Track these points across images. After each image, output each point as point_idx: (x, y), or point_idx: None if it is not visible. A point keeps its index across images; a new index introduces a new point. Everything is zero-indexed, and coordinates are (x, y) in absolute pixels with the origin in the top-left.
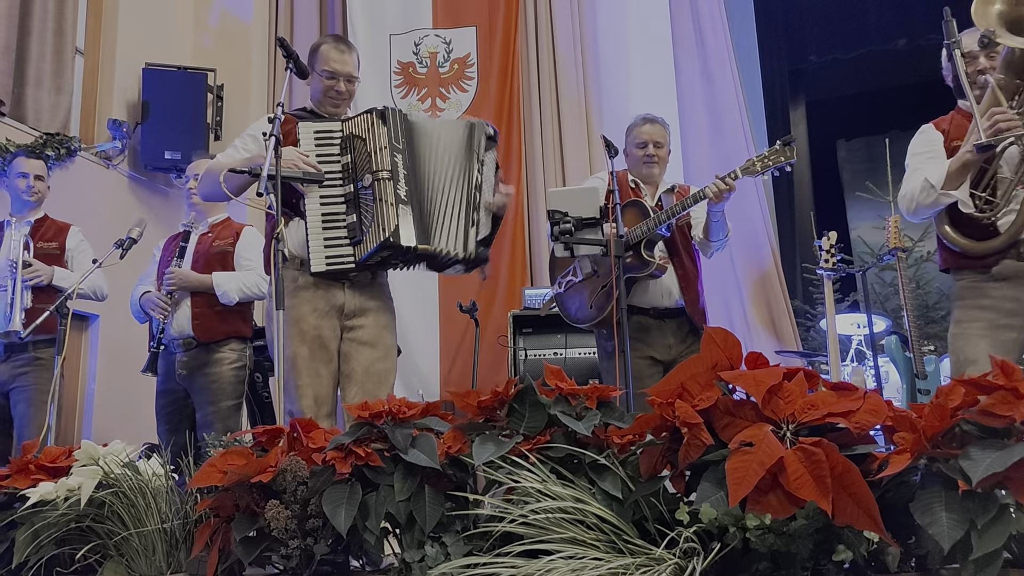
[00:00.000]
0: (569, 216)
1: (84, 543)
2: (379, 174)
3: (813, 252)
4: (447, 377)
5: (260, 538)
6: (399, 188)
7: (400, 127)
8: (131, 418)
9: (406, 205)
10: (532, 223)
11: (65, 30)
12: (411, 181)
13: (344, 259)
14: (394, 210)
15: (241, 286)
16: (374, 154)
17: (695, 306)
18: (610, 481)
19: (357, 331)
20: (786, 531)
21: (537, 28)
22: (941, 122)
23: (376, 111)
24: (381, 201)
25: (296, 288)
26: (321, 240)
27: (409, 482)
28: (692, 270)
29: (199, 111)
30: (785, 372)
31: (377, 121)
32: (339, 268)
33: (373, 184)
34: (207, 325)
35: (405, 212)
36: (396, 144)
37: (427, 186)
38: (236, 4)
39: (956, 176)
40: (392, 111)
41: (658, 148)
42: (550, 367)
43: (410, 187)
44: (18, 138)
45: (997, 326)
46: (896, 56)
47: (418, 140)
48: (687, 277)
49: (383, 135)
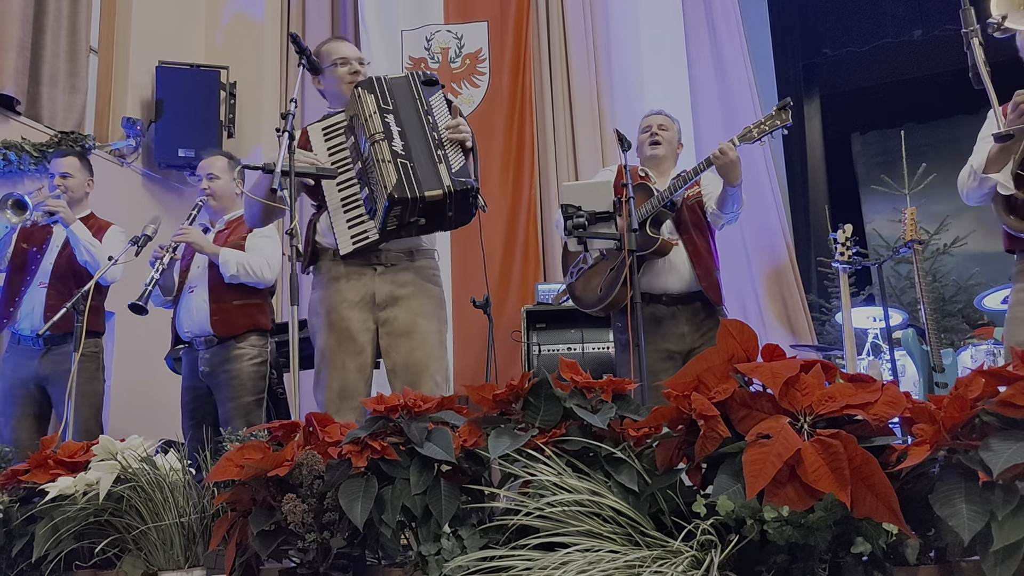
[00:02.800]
0: (583, 210)
1: (103, 537)
2: (374, 137)
3: (828, 245)
4: (461, 372)
5: (277, 532)
6: (394, 145)
7: (385, 89)
8: (147, 414)
9: (404, 159)
10: (545, 217)
11: (79, 29)
12: (405, 135)
13: (368, 234)
14: (392, 166)
15: (242, 263)
16: (366, 121)
17: (708, 281)
18: (626, 474)
19: (391, 323)
20: (804, 523)
21: (549, 22)
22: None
23: (360, 83)
24: (380, 162)
25: (330, 279)
26: (344, 223)
27: (425, 475)
28: (704, 246)
29: (212, 109)
30: (802, 364)
31: (363, 92)
32: (365, 244)
33: (371, 149)
34: (226, 319)
35: (404, 165)
36: (385, 106)
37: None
38: (248, 2)
39: (996, 160)
40: (375, 78)
41: (662, 130)
42: (565, 360)
43: (406, 140)
44: (33, 136)
45: None
46: (911, 48)
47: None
48: (698, 253)
49: (371, 102)
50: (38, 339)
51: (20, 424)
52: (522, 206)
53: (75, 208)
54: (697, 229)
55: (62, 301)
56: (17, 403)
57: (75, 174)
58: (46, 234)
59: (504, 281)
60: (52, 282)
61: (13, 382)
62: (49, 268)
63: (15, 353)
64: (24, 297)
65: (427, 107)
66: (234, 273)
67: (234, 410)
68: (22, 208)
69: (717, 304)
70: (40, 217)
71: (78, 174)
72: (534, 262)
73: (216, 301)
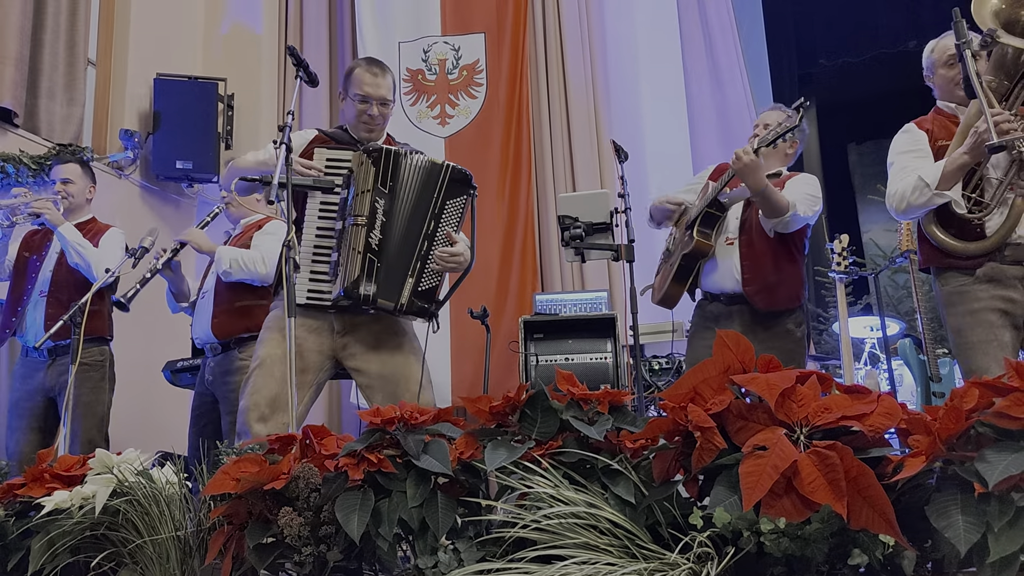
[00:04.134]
0: (579, 221)
1: (99, 551)
2: (357, 219)
3: (825, 255)
4: (458, 383)
5: (273, 545)
6: (372, 236)
7: (390, 169)
8: (145, 427)
9: (374, 255)
10: (542, 229)
11: (77, 42)
12: (387, 228)
13: (323, 296)
14: (360, 259)
15: (235, 258)
16: (358, 197)
17: (753, 285)
18: (623, 486)
19: (352, 345)
20: (801, 535)
21: (546, 33)
22: (923, 122)
23: (369, 152)
24: (352, 249)
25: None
26: (308, 272)
27: (422, 488)
28: (763, 248)
29: (210, 121)
30: (798, 375)
31: (368, 163)
32: (317, 304)
33: (350, 229)
34: (224, 322)
35: (370, 262)
36: (381, 188)
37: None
38: (246, 14)
39: (952, 176)
40: (389, 151)
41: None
42: (562, 372)
43: (385, 235)
44: (31, 149)
45: (995, 327)
46: (906, 58)
47: (400, 182)
48: (752, 256)
49: (370, 178)
50: (41, 350)
51: (24, 437)
52: (519, 217)
53: (76, 213)
54: (759, 232)
55: (62, 311)
56: (23, 416)
57: (76, 180)
58: (46, 242)
59: (502, 292)
60: (52, 291)
61: (21, 394)
62: (48, 276)
63: (24, 364)
64: (27, 307)
65: (438, 210)
66: (227, 269)
67: (231, 425)
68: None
69: (762, 308)
70: (23, 219)
71: (79, 180)
72: (531, 273)
73: (218, 304)
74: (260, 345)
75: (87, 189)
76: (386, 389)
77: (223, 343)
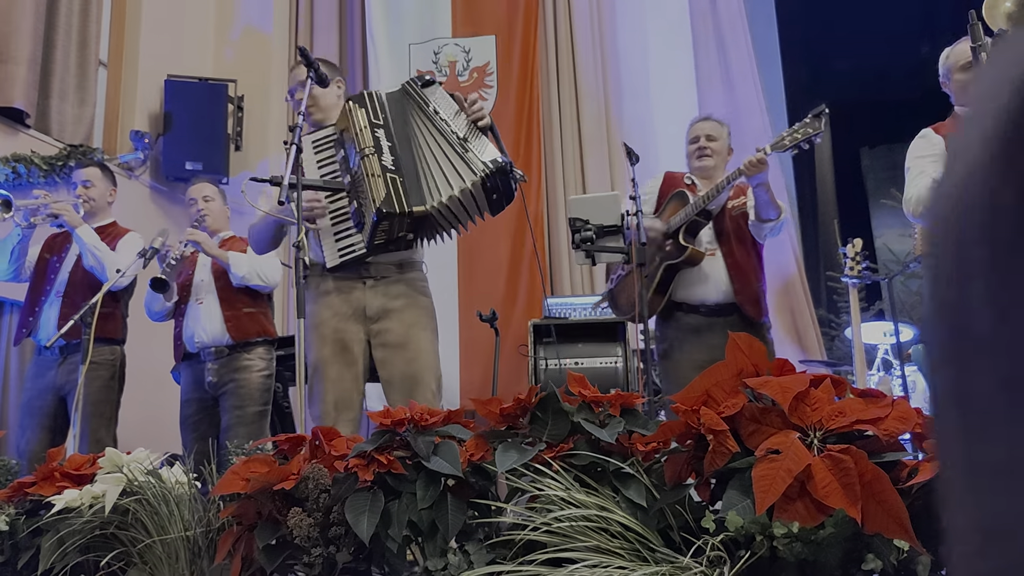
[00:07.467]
0: (590, 223)
1: (108, 550)
2: (364, 151)
3: (837, 260)
4: (467, 386)
5: (283, 546)
6: (384, 159)
7: (377, 104)
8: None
9: (393, 173)
10: (552, 231)
11: (89, 43)
12: (396, 150)
13: (355, 247)
14: (381, 180)
15: (253, 267)
16: (357, 136)
17: (745, 295)
18: (634, 489)
19: (384, 335)
20: (814, 539)
21: (557, 36)
22: (940, 127)
23: (352, 98)
24: (370, 176)
25: (319, 294)
26: (332, 236)
27: (432, 490)
28: (745, 258)
29: (220, 122)
30: (812, 379)
31: (355, 107)
32: (352, 257)
33: (361, 163)
34: (239, 325)
35: (393, 180)
36: (376, 121)
37: (413, 149)
38: (257, 16)
39: None
40: (367, 93)
41: (710, 140)
42: (573, 375)
43: (396, 155)
44: (42, 149)
45: None
46: (920, 62)
47: (395, 112)
48: (737, 265)
49: (362, 116)
50: (53, 349)
51: (34, 436)
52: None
53: (97, 217)
54: (739, 240)
55: (75, 311)
56: (34, 415)
57: (97, 183)
58: (66, 243)
59: (511, 295)
60: (68, 291)
61: (33, 393)
62: (66, 278)
63: (37, 363)
64: (44, 307)
65: (431, 110)
66: (245, 275)
67: (238, 419)
68: (7, 206)
69: (755, 318)
70: (42, 221)
71: (100, 183)
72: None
73: (229, 308)
74: (308, 349)
75: (108, 192)
76: (404, 390)
77: (232, 345)
